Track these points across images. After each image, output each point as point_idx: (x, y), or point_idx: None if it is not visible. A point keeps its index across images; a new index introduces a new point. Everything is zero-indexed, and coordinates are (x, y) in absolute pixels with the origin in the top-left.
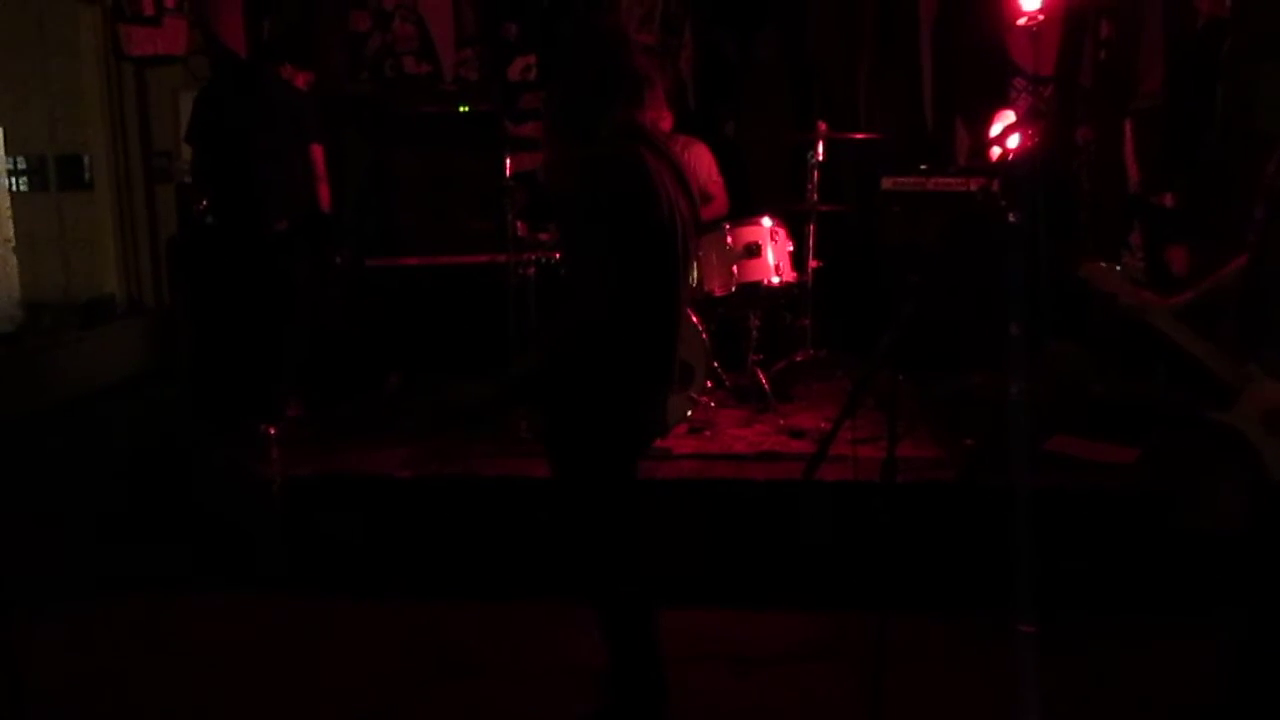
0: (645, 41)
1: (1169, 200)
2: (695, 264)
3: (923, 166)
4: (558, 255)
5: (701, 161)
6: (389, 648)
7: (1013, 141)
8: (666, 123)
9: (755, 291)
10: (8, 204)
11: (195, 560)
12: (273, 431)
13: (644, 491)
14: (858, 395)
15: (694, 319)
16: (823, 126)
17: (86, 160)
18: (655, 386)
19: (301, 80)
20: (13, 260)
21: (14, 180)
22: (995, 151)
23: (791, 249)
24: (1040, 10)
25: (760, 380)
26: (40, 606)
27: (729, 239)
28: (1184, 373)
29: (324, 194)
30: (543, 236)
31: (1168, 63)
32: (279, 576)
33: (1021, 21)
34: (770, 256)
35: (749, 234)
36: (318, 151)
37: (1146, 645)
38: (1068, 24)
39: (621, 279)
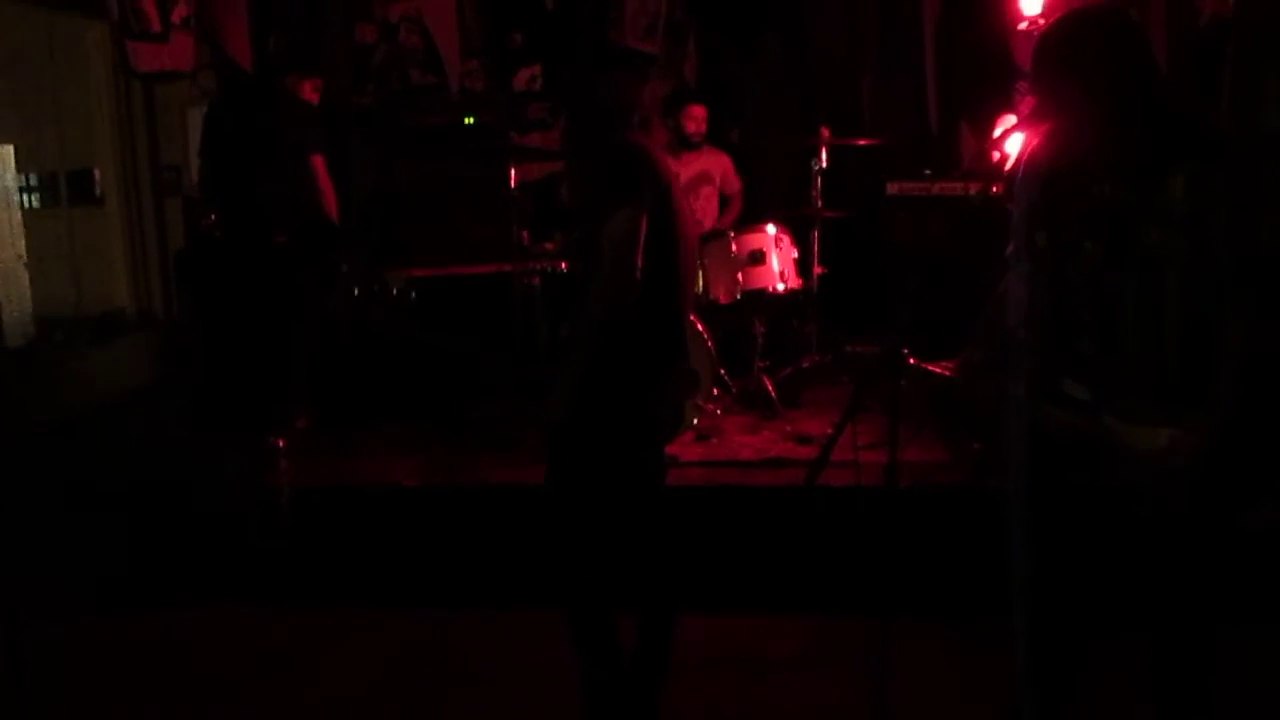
0: (649, 51)
1: None
2: (701, 272)
3: (927, 171)
4: (564, 265)
5: (724, 167)
6: (395, 656)
7: (1012, 145)
8: (692, 125)
9: (760, 298)
10: (20, 220)
11: (202, 571)
12: (281, 443)
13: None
14: (857, 401)
15: (699, 326)
16: (826, 132)
17: (97, 175)
18: (650, 385)
19: (308, 89)
20: (24, 275)
21: (26, 197)
22: (995, 155)
23: (796, 255)
24: (1041, 14)
25: (766, 386)
26: (48, 617)
27: (733, 246)
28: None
29: (330, 205)
30: (548, 246)
31: (1170, 62)
32: (286, 587)
33: (1023, 26)
34: (775, 263)
35: (753, 241)
36: (318, 163)
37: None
38: None
39: (636, 269)
